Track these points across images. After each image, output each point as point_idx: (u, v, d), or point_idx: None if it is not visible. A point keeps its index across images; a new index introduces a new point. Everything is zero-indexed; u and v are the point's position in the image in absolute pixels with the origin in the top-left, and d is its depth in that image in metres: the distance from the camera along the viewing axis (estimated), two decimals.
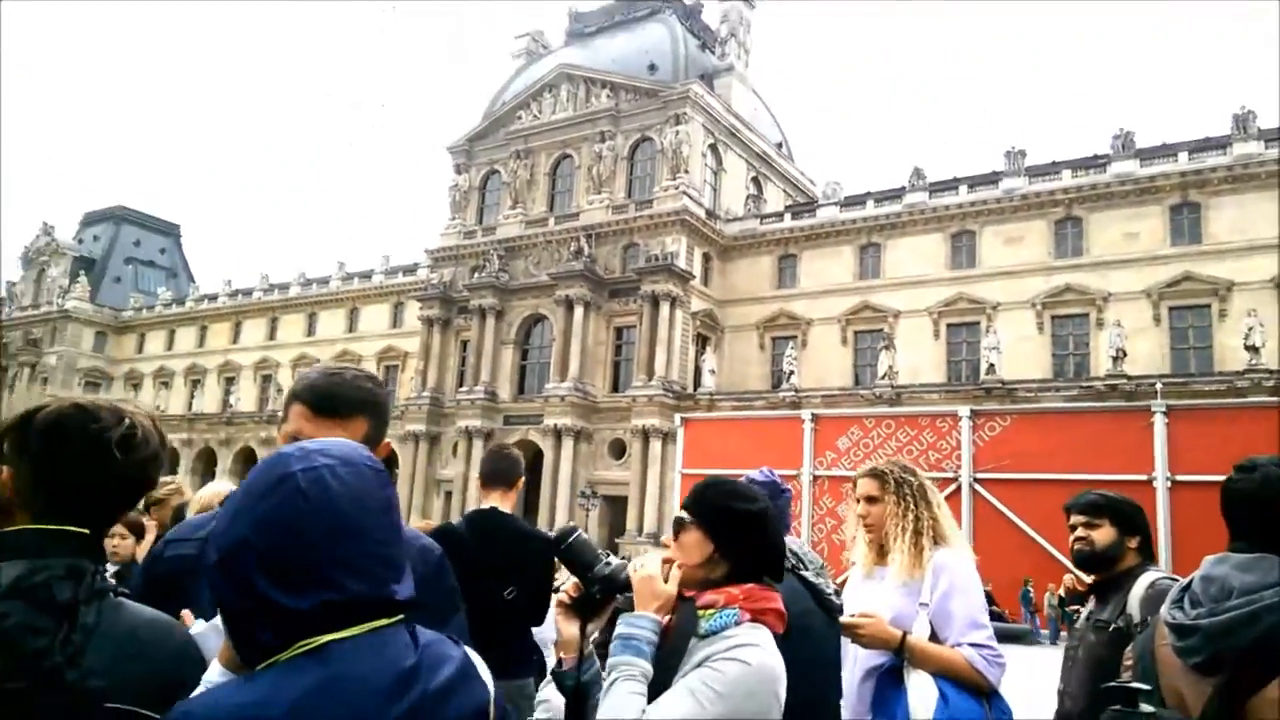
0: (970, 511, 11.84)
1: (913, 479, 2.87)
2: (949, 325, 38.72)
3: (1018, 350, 34.91)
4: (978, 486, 11.91)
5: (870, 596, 2.76)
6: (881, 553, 2.82)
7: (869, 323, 40.35)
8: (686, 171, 43.18)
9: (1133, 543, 2.99)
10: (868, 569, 2.90)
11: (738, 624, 1.65)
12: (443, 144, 52.53)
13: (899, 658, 2.54)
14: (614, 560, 1.72)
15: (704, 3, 54.16)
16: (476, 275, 46.69)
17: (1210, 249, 33.51)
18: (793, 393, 35.48)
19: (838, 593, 2.74)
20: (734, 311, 43.94)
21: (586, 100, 47.27)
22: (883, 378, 35.02)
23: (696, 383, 40.53)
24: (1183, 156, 35.22)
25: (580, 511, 38.11)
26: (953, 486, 12.03)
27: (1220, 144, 34.90)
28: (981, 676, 2.48)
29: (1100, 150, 37.89)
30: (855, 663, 2.71)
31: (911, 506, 2.78)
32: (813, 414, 14.44)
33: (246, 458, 52.78)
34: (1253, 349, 28.57)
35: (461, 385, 46.25)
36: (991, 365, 33.14)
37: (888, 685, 2.54)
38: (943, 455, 12.50)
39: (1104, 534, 2.96)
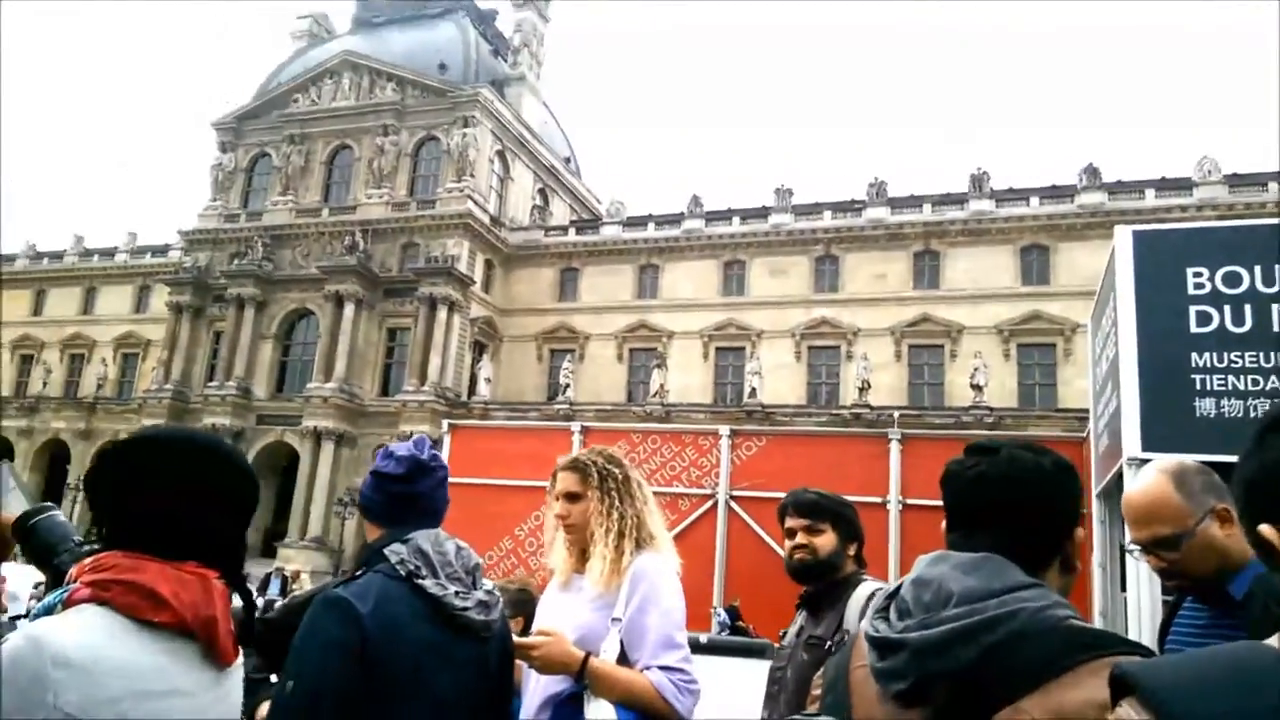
0: (725, 527, 12.23)
1: (618, 470, 2.47)
2: (718, 349, 40.43)
3: (777, 376, 37.04)
4: (733, 504, 12.29)
5: (562, 610, 2.36)
6: (584, 558, 2.40)
7: (645, 341, 41.30)
8: (473, 175, 42.30)
9: (851, 549, 2.75)
10: (566, 578, 2.46)
11: (65, 603, 1.33)
12: (208, 119, 48.25)
13: (581, 684, 2.13)
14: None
15: (498, 10, 53.66)
16: (237, 262, 43.11)
17: (946, 294, 37.28)
18: (567, 405, 35.52)
19: (529, 605, 2.37)
20: (514, 321, 43.48)
21: (370, 91, 45.20)
22: (654, 396, 35.88)
23: (471, 391, 39.59)
24: (927, 208, 39.04)
25: (336, 520, 35.94)
26: (710, 503, 12.40)
27: (959, 200, 39.02)
28: (668, 706, 2.12)
29: (858, 196, 41.17)
30: (535, 691, 2.30)
31: (616, 503, 2.39)
32: (583, 426, 14.36)
33: None
34: (977, 387, 31.93)
35: (211, 379, 42.37)
36: (753, 389, 34.87)
37: (564, 716, 2.14)
38: (703, 472, 12.80)
39: (826, 540, 2.70)
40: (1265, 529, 0.72)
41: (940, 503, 1.45)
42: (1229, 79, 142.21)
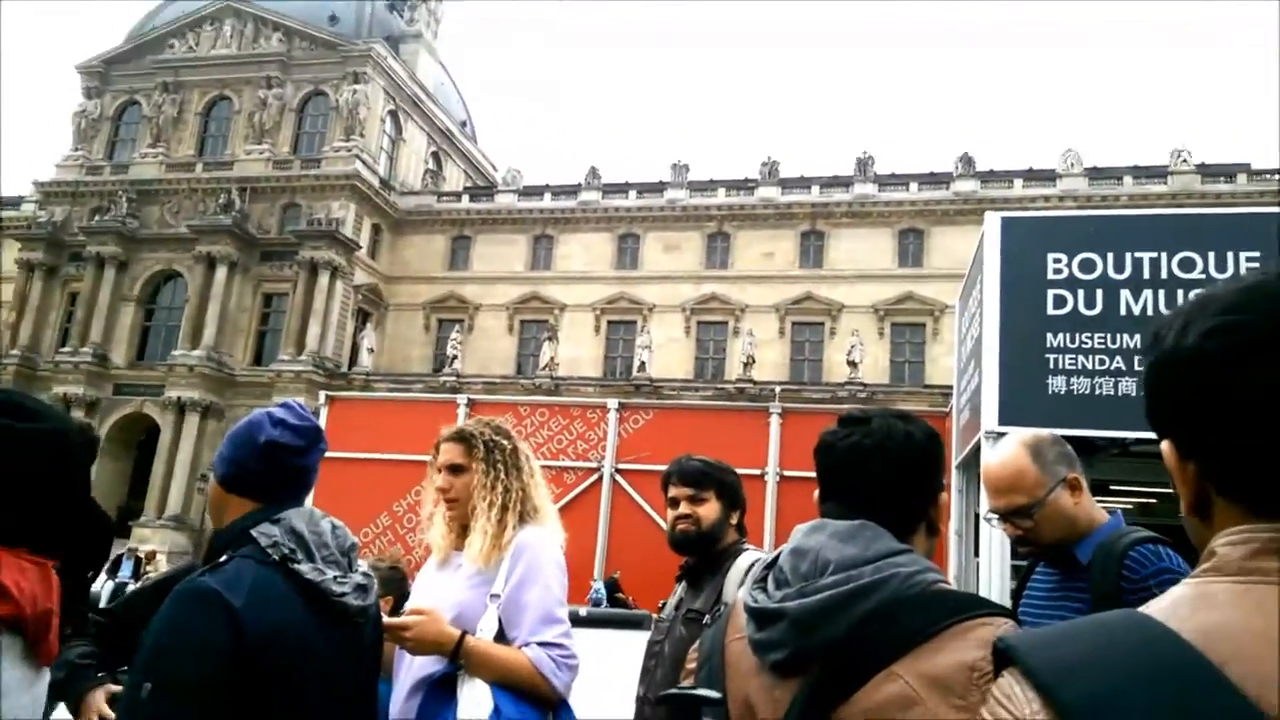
0: (609, 500, 12.35)
1: (505, 442, 2.37)
2: (610, 322, 40.48)
3: (667, 350, 37.44)
4: (618, 477, 12.40)
5: (439, 589, 2.25)
6: (465, 534, 2.29)
7: (536, 313, 40.94)
8: (362, 135, 40.78)
9: (734, 518, 2.67)
10: (444, 555, 2.35)
11: None
12: (72, 62, 44.73)
13: (455, 664, 2.05)
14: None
15: None
16: (98, 218, 40.33)
17: (829, 274, 38.39)
18: (454, 378, 34.93)
19: (401, 583, 2.28)
20: (401, 289, 42.33)
21: (254, 40, 42.84)
22: (544, 368, 35.69)
23: (353, 361, 38.42)
24: (815, 189, 40.02)
25: (198, 497, 34.21)
26: (595, 476, 12.47)
27: (845, 182, 40.14)
28: (546, 682, 2.06)
29: (751, 174, 41.81)
30: (407, 673, 2.18)
31: (501, 476, 2.30)
32: (469, 399, 14.17)
33: None
34: (853, 364, 33.11)
35: (64, 345, 39.61)
36: (643, 363, 35.15)
37: (436, 699, 2.04)
38: (590, 445, 12.86)
39: (710, 510, 2.61)
40: (1164, 446, 0.74)
41: (815, 474, 1.48)
42: (1096, 75, 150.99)
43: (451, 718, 2.00)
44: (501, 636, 2.14)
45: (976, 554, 7.27)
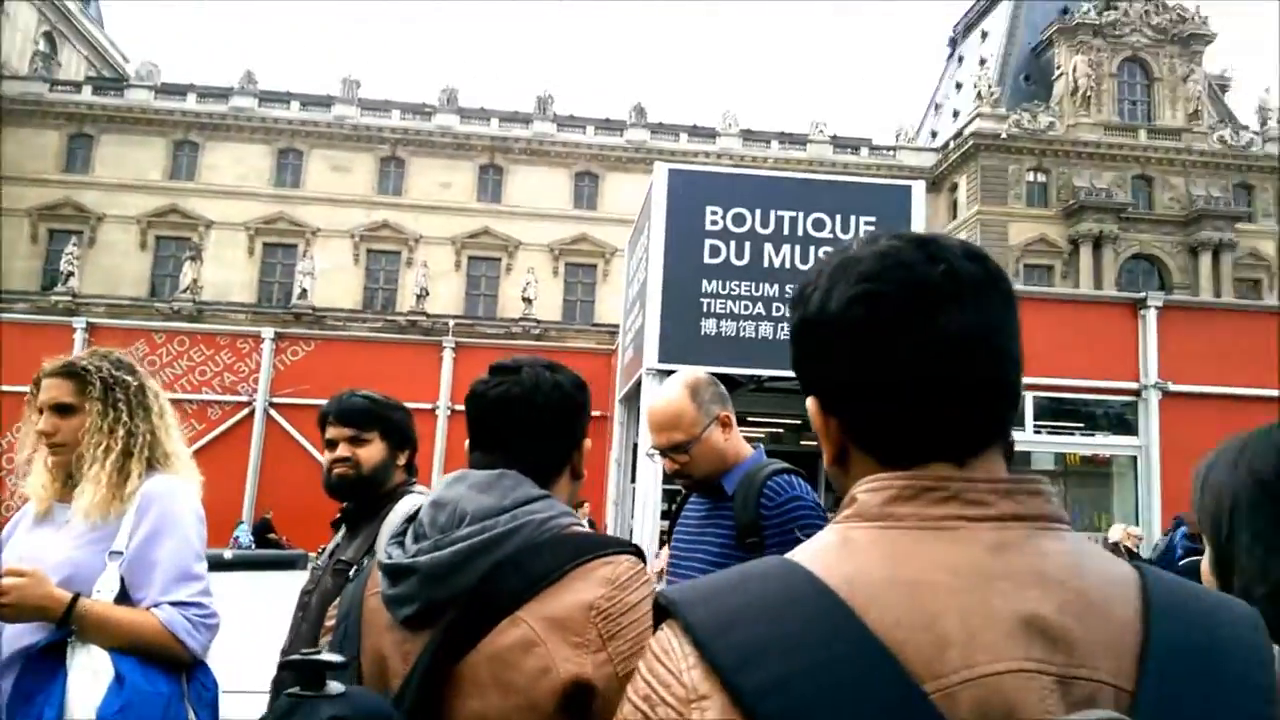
0: (261, 437, 11.51)
1: (129, 378, 2.06)
2: (266, 244, 37.23)
3: (334, 279, 35.28)
4: (273, 411, 11.59)
5: (41, 546, 1.94)
6: (73, 483, 1.99)
7: (176, 229, 36.45)
8: None
9: (402, 458, 2.45)
10: (45, 507, 2.02)
11: None
12: None
13: (66, 630, 1.78)
14: None
15: None
16: None
17: (507, 209, 38.41)
18: (69, 297, 30.10)
19: None
20: (4, 191, 35.37)
21: None
22: (184, 291, 31.95)
23: None
24: (494, 122, 39.58)
25: None
26: (246, 410, 11.53)
27: (525, 119, 40.12)
28: (181, 645, 1.85)
29: (430, 100, 40.26)
30: (2, 646, 1.86)
31: (124, 418, 2.00)
32: (88, 323, 12.36)
33: None
34: (528, 300, 33.66)
35: None
36: (305, 290, 32.84)
37: (37, 673, 1.75)
38: (239, 378, 11.86)
39: (373, 451, 2.37)
40: (810, 402, 0.78)
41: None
42: (757, 41, 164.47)
43: (60, 693, 1.73)
44: (126, 598, 1.89)
45: (633, 480, 7.83)
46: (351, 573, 2.23)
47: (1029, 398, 10.98)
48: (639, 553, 1.29)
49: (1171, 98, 39.57)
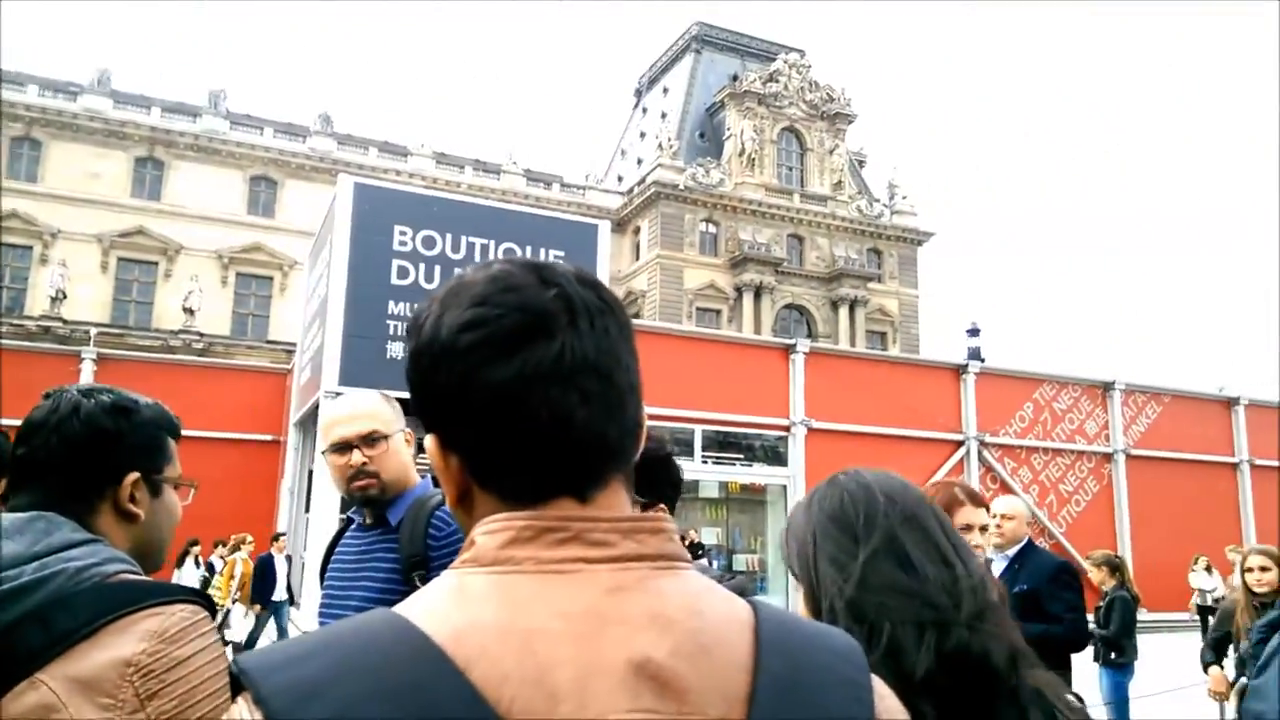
0: None
1: None
2: None
3: None
4: None
5: None
6: None
7: None
8: None
9: None
10: None
11: None
12: None
13: None
14: None
15: None
16: None
17: (168, 209, 34.60)
18: None
19: None
20: None
21: None
22: None
23: None
24: (156, 111, 35.61)
25: None
26: None
27: (193, 111, 36.52)
28: None
29: (75, 79, 35.38)
30: None
31: None
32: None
33: None
34: (190, 311, 30.47)
35: None
36: None
37: None
38: None
39: None
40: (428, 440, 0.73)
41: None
42: (441, 61, 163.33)
43: None
44: None
45: (308, 510, 7.38)
46: None
47: (698, 430, 12.04)
48: (204, 601, 1.18)
49: (820, 167, 45.37)
